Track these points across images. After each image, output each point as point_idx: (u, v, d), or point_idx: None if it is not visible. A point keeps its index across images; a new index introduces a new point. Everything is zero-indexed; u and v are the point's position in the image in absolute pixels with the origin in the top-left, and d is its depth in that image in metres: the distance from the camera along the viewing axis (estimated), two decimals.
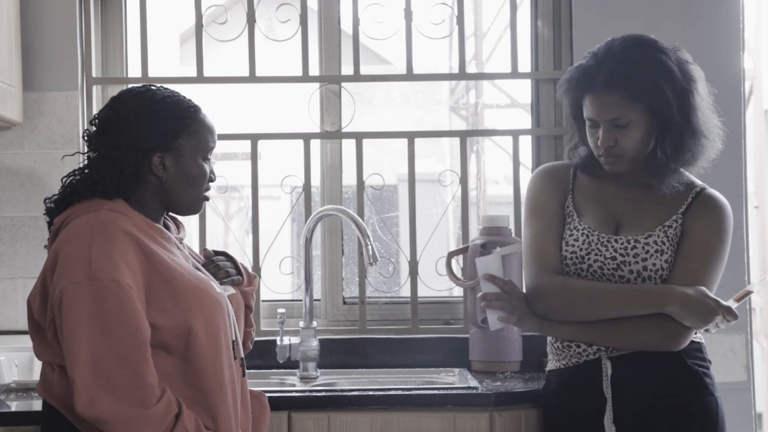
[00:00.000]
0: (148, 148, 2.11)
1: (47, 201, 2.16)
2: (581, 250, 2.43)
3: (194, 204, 2.20)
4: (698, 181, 2.47)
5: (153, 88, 2.16)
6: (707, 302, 2.32)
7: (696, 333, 2.41)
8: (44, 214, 2.16)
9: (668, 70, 2.35)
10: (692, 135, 2.37)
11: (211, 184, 2.22)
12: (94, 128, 2.16)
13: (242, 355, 2.21)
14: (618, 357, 2.40)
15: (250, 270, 2.34)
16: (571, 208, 2.49)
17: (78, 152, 2.46)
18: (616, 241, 2.41)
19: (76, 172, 2.15)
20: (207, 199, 2.22)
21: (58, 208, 2.13)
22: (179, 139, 2.13)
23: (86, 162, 2.16)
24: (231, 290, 2.23)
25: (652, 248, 2.38)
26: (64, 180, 2.15)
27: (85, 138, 2.18)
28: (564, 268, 2.45)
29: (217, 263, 2.26)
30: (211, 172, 2.21)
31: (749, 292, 2.42)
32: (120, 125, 2.11)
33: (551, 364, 2.53)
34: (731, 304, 2.34)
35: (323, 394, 2.65)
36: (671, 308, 2.33)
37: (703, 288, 2.34)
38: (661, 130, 2.37)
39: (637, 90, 2.34)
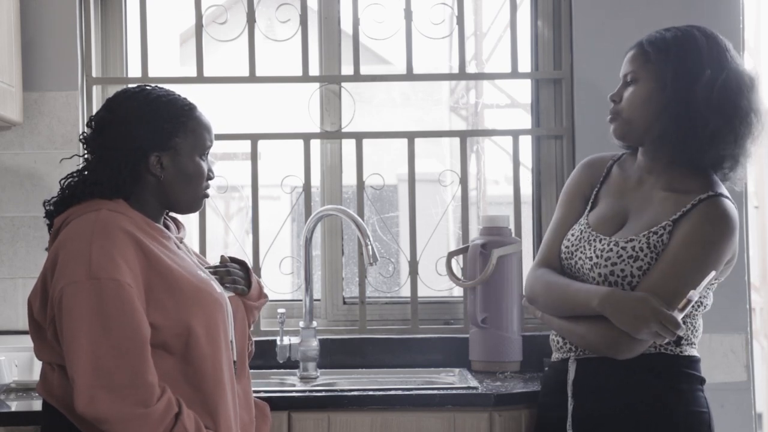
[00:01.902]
0: (145, 148, 2.11)
1: (46, 204, 2.16)
2: (572, 245, 2.39)
3: (193, 202, 2.20)
4: (716, 190, 2.30)
5: (148, 88, 2.17)
6: (641, 308, 2.17)
7: (663, 345, 2.29)
8: (44, 217, 2.16)
9: (696, 50, 2.29)
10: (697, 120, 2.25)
11: (210, 182, 2.22)
12: (90, 130, 2.16)
13: (235, 358, 2.18)
14: (585, 360, 2.34)
15: (263, 289, 2.32)
16: (591, 200, 2.44)
17: (75, 155, 2.46)
18: (600, 241, 2.33)
19: (74, 174, 2.15)
20: (207, 196, 2.22)
21: (57, 210, 2.13)
22: (176, 138, 2.13)
23: (84, 164, 2.16)
24: (231, 292, 2.23)
25: (626, 254, 2.28)
26: (62, 182, 2.15)
27: (82, 140, 2.18)
28: (561, 262, 2.42)
29: (229, 269, 2.26)
30: (209, 170, 2.21)
31: (690, 301, 2.17)
32: (116, 126, 2.11)
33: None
34: (676, 314, 2.16)
35: (323, 394, 2.65)
36: (607, 310, 2.22)
37: (648, 295, 2.19)
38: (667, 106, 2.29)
39: (655, 52, 2.31)
